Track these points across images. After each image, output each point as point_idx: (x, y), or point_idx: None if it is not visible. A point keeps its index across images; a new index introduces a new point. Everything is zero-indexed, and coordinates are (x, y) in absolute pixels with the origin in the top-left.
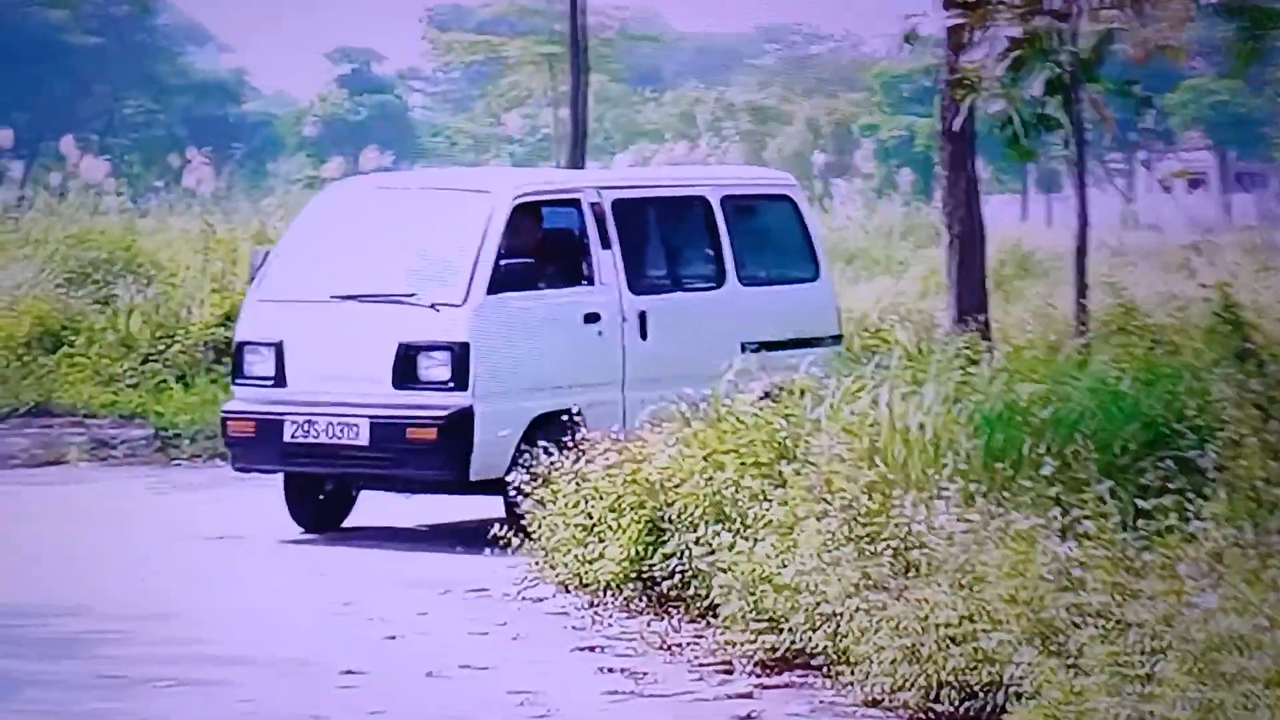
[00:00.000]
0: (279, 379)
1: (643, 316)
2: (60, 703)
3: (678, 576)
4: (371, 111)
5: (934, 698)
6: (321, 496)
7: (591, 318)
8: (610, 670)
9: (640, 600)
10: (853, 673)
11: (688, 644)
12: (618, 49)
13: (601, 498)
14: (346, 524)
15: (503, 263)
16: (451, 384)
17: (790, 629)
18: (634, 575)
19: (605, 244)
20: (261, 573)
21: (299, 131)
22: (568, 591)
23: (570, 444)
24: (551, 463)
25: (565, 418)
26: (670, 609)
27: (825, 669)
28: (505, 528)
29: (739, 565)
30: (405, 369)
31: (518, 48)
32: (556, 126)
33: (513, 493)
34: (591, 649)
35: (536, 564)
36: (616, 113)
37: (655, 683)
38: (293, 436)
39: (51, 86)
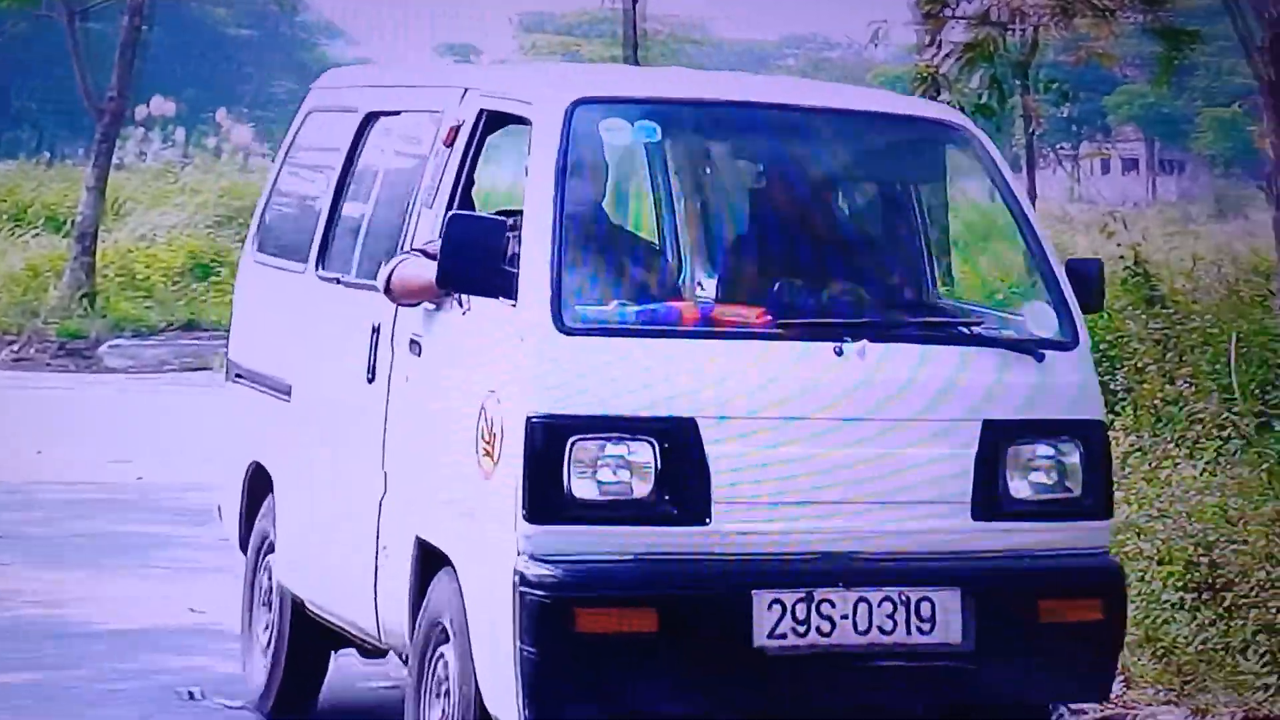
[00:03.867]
0: (691, 507)
1: None
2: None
3: None
4: None
5: None
6: None
7: None
8: None
9: None
10: None
11: None
12: (671, 49)
13: None
14: None
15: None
16: (1089, 502)
17: None
18: None
19: None
20: None
21: None
22: None
23: None
24: None
25: None
26: None
27: None
28: None
29: None
30: (994, 478)
31: (591, 49)
32: None
33: None
34: None
35: None
36: None
37: None
38: (777, 633)
39: (214, 69)
